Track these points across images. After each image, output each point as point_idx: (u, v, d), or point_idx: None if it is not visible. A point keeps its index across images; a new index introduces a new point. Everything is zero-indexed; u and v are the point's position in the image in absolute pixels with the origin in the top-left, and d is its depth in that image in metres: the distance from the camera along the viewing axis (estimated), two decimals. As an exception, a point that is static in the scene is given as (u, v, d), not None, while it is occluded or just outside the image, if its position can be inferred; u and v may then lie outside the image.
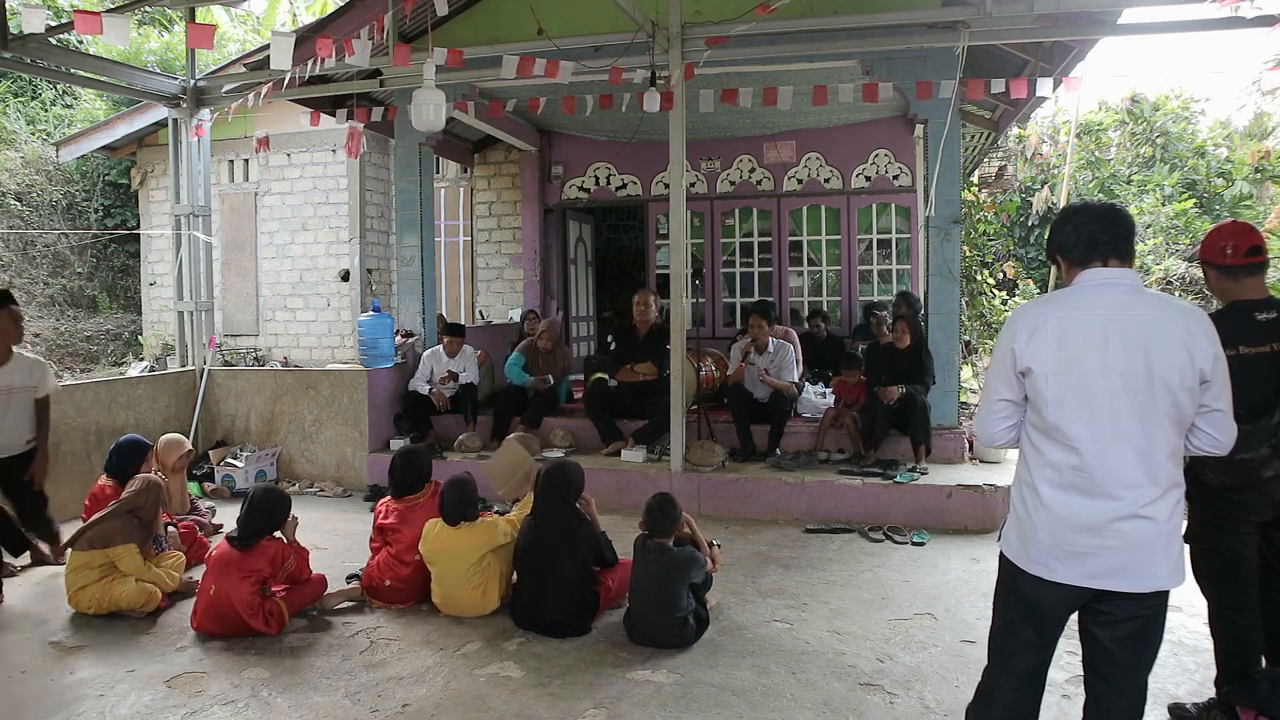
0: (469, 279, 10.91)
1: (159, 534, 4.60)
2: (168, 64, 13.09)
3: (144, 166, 11.31)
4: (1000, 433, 2.27)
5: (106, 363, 11.94)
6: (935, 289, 6.59)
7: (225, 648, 3.85)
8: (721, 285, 10.16)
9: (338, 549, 5.33)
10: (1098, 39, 6.19)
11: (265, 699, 3.38)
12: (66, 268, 12.70)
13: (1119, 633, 2.16)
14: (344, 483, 7.07)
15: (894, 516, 5.70)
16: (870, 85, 6.42)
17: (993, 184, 13.73)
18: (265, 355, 10.85)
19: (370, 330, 7.30)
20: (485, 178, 10.81)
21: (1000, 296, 12.34)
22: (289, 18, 15.96)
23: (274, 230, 10.80)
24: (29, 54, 6.35)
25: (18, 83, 13.98)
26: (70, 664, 3.73)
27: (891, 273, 9.70)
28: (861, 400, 6.48)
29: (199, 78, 7.68)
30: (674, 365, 6.20)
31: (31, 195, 12.62)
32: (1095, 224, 2.20)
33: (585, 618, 3.99)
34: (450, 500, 4.22)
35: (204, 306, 7.70)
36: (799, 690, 3.38)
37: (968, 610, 4.21)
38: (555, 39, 6.24)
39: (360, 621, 4.17)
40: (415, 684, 3.49)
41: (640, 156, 9.73)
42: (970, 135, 9.33)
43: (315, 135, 10.00)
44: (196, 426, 7.30)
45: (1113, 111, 14.77)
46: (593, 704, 3.28)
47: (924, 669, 3.57)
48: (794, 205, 9.79)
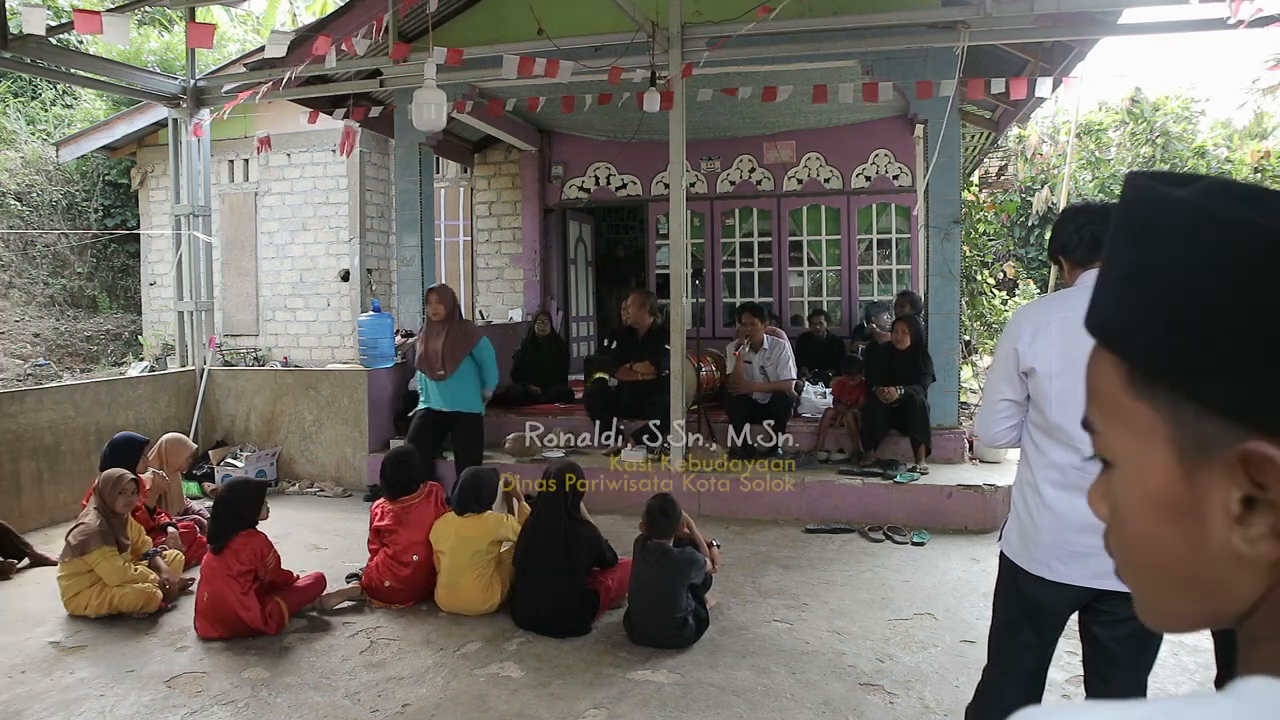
0: (469, 279, 10.90)
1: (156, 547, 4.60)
2: (168, 64, 13.09)
3: (144, 166, 11.31)
4: (1002, 432, 2.27)
5: (106, 363, 11.94)
6: (935, 289, 6.59)
7: (225, 648, 3.85)
8: (721, 285, 10.16)
9: (338, 549, 5.33)
10: (1098, 39, 6.19)
11: (265, 699, 3.38)
12: (66, 268, 12.70)
13: (1120, 632, 2.16)
14: (344, 483, 7.06)
15: (894, 516, 5.69)
16: (870, 85, 6.41)
17: (993, 184, 13.73)
18: (265, 355, 10.84)
19: (370, 330, 7.30)
20: (485, 178, 10.80)
21: (1000, 296, 12.34)
22: (289, 18, 15.96)
23: (274, 230, 10.79)
24: (29, 54, 6.35)
25: (18, 83, 13.98)
26: (70, 664, 3.73)
27: (891, 273, 9.70)
28: (861, 400, 6.48)
29: (199, 78, 7.68)
30: (674, 365, 6.20)
31: (31, 195, 12.62)
32: (1097, 224, 2.21)
33: (585, 618, 3.99)
34: (461, 489, 4.29)
35: (204, 306, 7.70)
36: (799, 690, 3.38)
37: (968, 610, 4.20)
38: (555, 39, 6.24)
39: (360, 621, 4.17)
40: (415, 684, 3.49)
41: (640, 156, 9.72)
42: (970, 135, 9.33)
43: (315, 135, 9.99)
44: (196, 426, 7.30)
45: (1113, 111, 14.77)
46: (593, 704, 3.28)
47: (924, 669, 3.57)
48: (794, 205, 9.79)
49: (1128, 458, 0.53)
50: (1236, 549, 0.47)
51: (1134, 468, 0.53)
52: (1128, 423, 0.52)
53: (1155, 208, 0.50)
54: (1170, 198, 0.49)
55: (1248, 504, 0.47)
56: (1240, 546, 0.47)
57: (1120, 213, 0.54)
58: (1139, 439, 0.52)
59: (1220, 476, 0.47)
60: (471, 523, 4.23)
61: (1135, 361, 0.51)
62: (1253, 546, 0.47)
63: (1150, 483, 0.51)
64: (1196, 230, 0.47)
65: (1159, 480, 0.51)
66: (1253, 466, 0.46)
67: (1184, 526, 0.50)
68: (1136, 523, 0.53)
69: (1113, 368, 0.53)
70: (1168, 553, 0.51)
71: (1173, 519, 0.50)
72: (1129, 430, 0.52)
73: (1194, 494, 0.49)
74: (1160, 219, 0.50)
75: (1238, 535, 0.47)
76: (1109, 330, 0.53)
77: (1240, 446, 0.46)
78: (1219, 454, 0.47)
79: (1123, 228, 0.53)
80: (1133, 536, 0.54)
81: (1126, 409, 0.52)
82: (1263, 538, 0.46)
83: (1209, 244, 0.47)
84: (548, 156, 10.26)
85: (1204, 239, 0.47)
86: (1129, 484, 0.53)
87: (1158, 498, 0.51)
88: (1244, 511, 0.47)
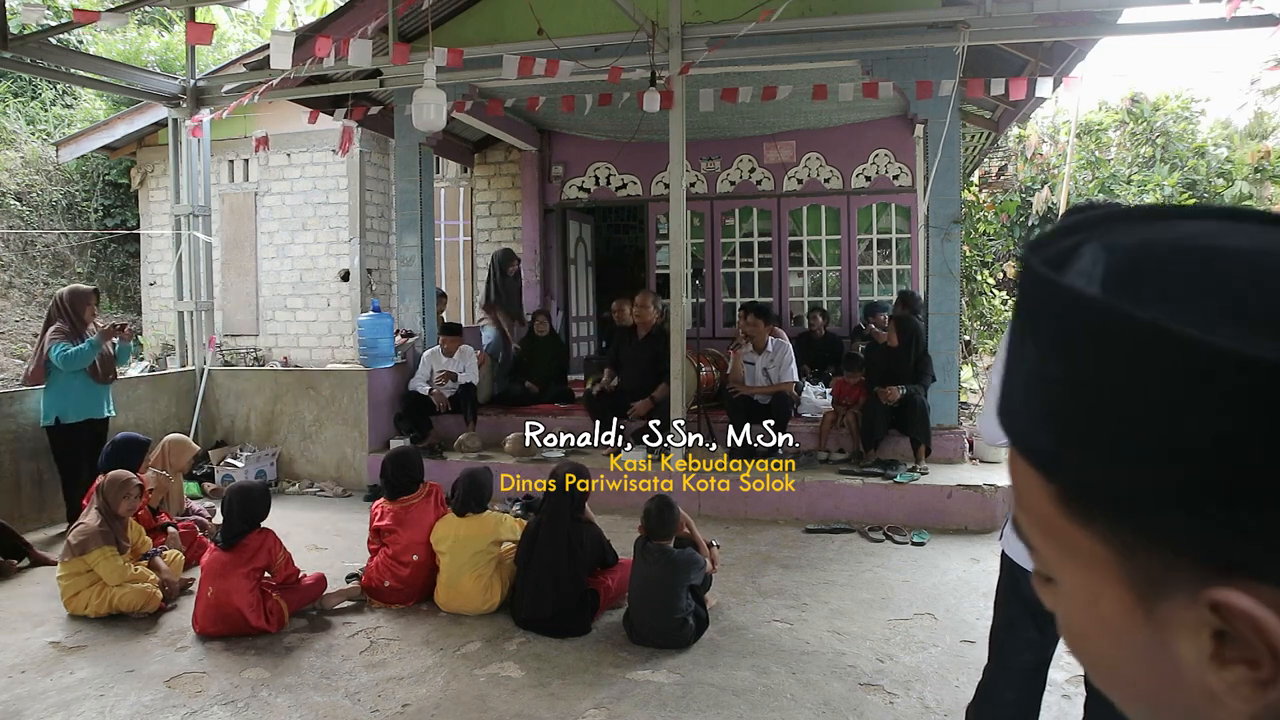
0: (469, 279, 10.90)
1: (156, 547, 4.60)
2: (168, 64, 13.09)
3: (144, 166, 11.31)
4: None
5: (106, 363, 11.93)
6: (935, 289, 6.59)
7: (225, 648, 3.85)
8: (721, 285, 10.16)
9: (338, 549, 5.33)
10: (1098, 39, 6.19)
11: (265, 699, 3.37)
12: (66, 268, 12.69)
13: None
14: (344, 483, 7.06)
15: (894, 516, 5.69)
16: (870, 85, 6.42)
17: (993, 184, 13.73)
18: (265, 355, 10.84)
19: (370, 330, 7.30)
20: (485, 178, 10.80)
21: (1000, 296, 12.33)
22: (289, 18, 15.95)
23: (274, 230, 10.79)
24: (29, 54, 6.35)
25: (18, 83, 13.98)
26: (70, 664, 3.73)
27: (891, 273, 9.70)
28: (861, 400, 6.48)
29: (199, 78, 7.68)
30: (674, 365, 6.19)
31: (31, 195, 12.62)
32: None
33: (585, 618, 3.99)
34: (460, 491, 4.29)
35: (204, 306, 7.70)
36: (799, 690, 3.38)
37: (968, 610, 4.20)
38: (555, 39, 6.24)
39: (360, 621, 4.17)
40: (415, 684, 3.49)
41: (640, 156, 9.72)
42: (970, 135, 9.33)
43: (315, 135, 9.99)
44: (196, 426, 7.30)
45: (1113, 111, 14.76)
46: (593, 704, 3.28)
47: (924, 669, 3.57)
48: (794, 205, 9.79)
49: (1073, 583, 0.44)
50: (1214, 690, 0.39)
51: (1080, 594, 0.44)
52: (1065, 546, 0.43)
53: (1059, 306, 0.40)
54: (1078, 298, 0.39)
55: (1221, 637, 0.38)
56: (1219, 688, 0.39)
57: (1020, 303, 0.44)
58: (1081, 567, 0.43)
59: (1186, 615, 0.39)
60: (471, 523, 4.24)
61: (1062, 485, 0.42)
62: (1235, 691, 0.38)
63: (1102, 612, 0.43)
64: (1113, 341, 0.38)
65: (1111, 611, 0.42)
66: (1226, 615, 0.37)
67: (1150, 662, 0.41)
68: (1095, 649, 0.45)
69: (1042, 485, 0.43)
70: (1135, 685, 0.43)
71: (1135, 653, 0.42)
72: (1068, 554, 0.43)
73: (1156, 632, 0.40)
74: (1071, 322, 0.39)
75: (1213, 677, 0.39)
76: (1024, 441, 0.44)
77: (1208, 596, 0.37)
78: (1180, 595, 0.39)
79: (1024, 323, 0.43)
80: (1091, 657, 0.46)
81: (1063, 532, 0.43)
82: (1245, 683, 0.38)
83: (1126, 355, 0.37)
84: (548, 156, 10.26)
85: (1121, 349, 0.37)
86: (1078, 608, 0.45)
87: (1114, 631, 0.42)
88: (1218, 647, 0.38)
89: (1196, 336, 0.35)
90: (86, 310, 5.58)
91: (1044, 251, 0.43)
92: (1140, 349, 0.37)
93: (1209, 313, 0.36)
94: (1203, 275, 0.38)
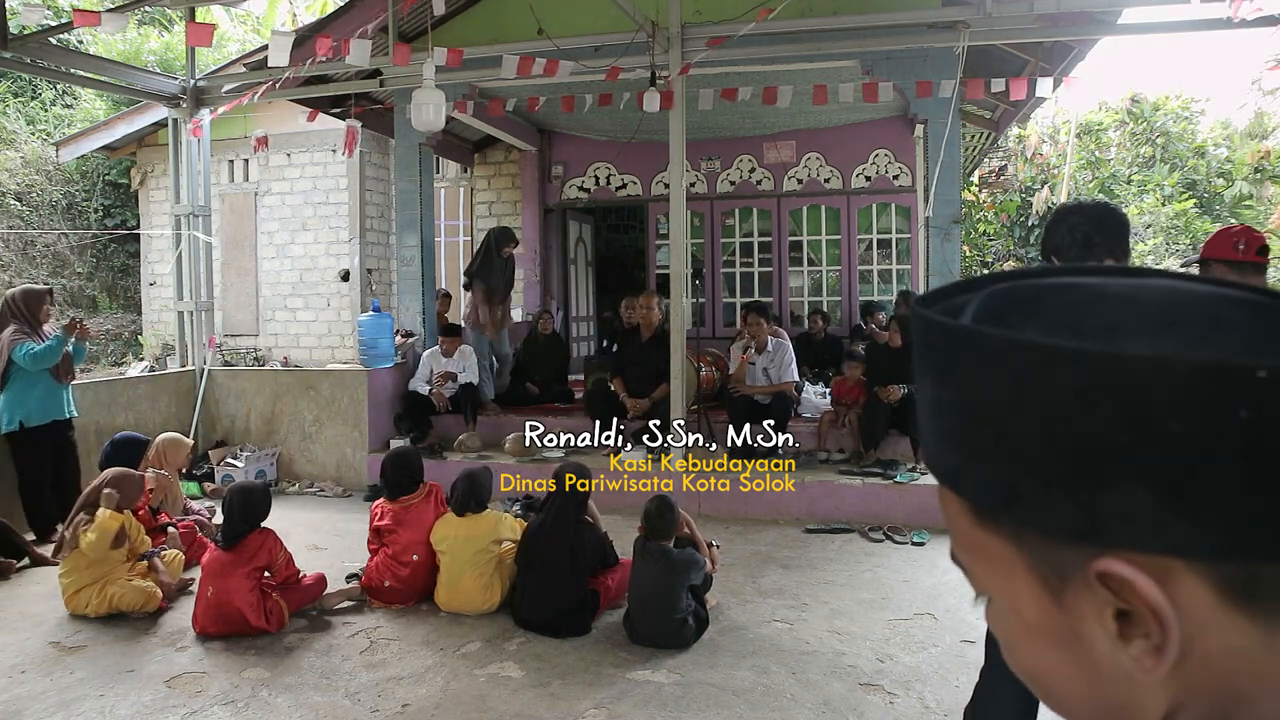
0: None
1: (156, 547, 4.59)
2: (168, 64, 13.09)
3: (144, 166, 11.31)
4: None
5: (106, 363, 11.95)
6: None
7: (225, 648, 3.85)
8: (721, 285, 10.16)
9: (338, 549, 5.33)
10: (1098, 39, 6.19)
11: (265, 699, 3.38)
12: (66, 268, 12.70)
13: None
14: (344, 483, 7.06)
15: (894, 516, 5.69)
16: (870, 85, 6.41)
17: (993, 184, 13.73)
18: (265, 355, 10.84)
19: (370, 330, 7.30)
20: (485, 178, 10.81)
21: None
22: (289, 18, 15.96)
23: (274, 230, 10.79)
24: (29, 54, 6.35)
25: (18, 83, 13.98)
26: (70, 664, 3.73)
27: (891, 273, 9.70)
28: (861, 400, 6.48)
29: (199, 78, 7.68)
30: (674, 365, 6.19)
31: (31, 195, 12.62)
32: (1089, 225, 2.21)
33: (585, 618, 3.99)
34: (460, 491, 4.29)
35: (204, 306, 7.70)
36: (799, 690, 3.38)
37: (968, 610, 4.20)
38: (555, 39, 6.24)
39: (360, 621, 4.17)
40: (415, 684, 3.49)
41: (640, 156, 9.73)
42: (970, 135, 9.33)
43: (315, 135, 10.00)
44: (196, 426, 7.30)
45: (1113, 111, 14.77)
46: (593, 704, 3.28)
47: (924, 669, 3.57)
48: (794, 205, 9.79)
49: (999, 593, 0.51)
50: (1127, 668, 0.45)
51: (1006, 600, 0.50)
52: (987, 558, 0.50)
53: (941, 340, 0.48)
54: (953, 329, 0.47)
55: (1124, 617, 0.44)
56: (1128, 665, 0.44)
57: (915, 347, 0.51)
58: (1002, 574, 0.49)
59: (1088, 596, 0.45)
60: (471, 522, 4.24)
61: (969, 496, 0.49)
62: (1139, 663, 0.44)
63: (1026, 615, 0.49)
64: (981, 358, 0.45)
65: (1032, 611, 0.48)
66: (1112, 585, 0.43)
67: (1072, 653, 0.47)
68: (1028, 655, 0.51)
69: (957, 503, 0.50)
70: (1066, 681, 0.49)
71: (1059, 648, 0.48)
72: (991, 566, 0.50)
73: (1070, 620, 0.46)
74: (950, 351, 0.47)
75: (1123, 654, 0.44)
76: (938, 467, 0.50)
77: (1094, 568, 0.43)
78: (1077, 577, 0.45)
79: (920, 364, 0.51)
80: (1029, 669, 0.51)
81: (982, 543, 0.49)
82: (1145, 653, 0.44)
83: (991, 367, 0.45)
84: (548, 156, 10.26)
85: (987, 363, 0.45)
86: (1007, 618, 0.51)
87: (1037, 629, 0.48)
88: (1122, 626, 0.44)
89: (1038, 341, 0.43)
90: (41, 310, 5.54)
91: (936, 304, 0.51)
92: (1000, 359, 0.44)
93: (1054, 328, 0.44)
94: (1047, 305, 0.47)
